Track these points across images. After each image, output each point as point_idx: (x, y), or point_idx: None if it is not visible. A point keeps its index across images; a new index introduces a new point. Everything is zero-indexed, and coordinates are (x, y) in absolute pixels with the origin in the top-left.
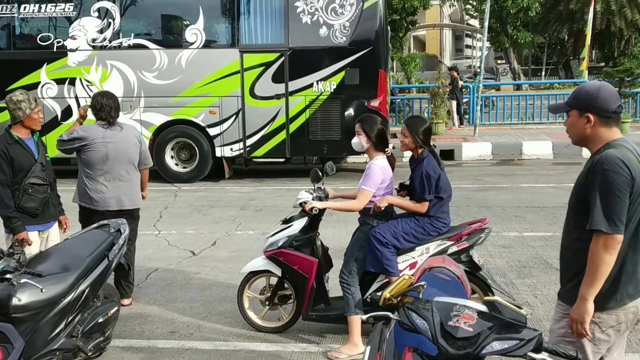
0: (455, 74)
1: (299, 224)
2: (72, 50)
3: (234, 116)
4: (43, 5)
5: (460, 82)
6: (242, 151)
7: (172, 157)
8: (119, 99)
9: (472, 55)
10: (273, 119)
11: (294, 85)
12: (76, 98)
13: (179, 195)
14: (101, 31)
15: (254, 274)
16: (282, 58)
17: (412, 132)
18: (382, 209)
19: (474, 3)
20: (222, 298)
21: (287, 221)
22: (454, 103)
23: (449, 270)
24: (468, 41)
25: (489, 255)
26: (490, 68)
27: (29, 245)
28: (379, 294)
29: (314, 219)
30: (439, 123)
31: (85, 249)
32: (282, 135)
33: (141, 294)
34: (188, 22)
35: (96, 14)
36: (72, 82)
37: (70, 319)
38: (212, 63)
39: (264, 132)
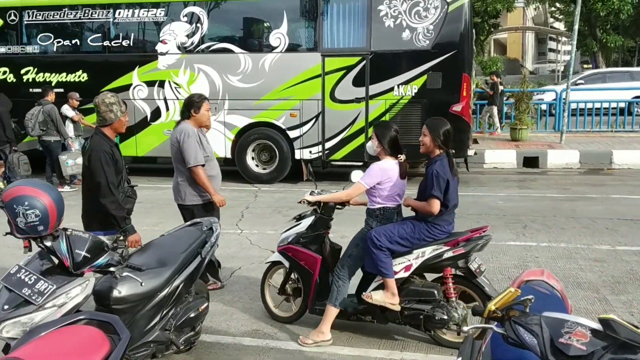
0: (495, 78)
1: (306, 222)
2: (162, 54)
3: (314, 119)
4: (136, 11)
5: (501, 87)
6: (320, 154)
7: (252, 158)
8: None
9: (555, 60)
10: (352, 123)
11: (374, 89)
12: (165, 100)
13: (259, 195)
14: (190, 35)
15: (274, 264)
16: (364, 62)
17: (432, 131)
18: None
19: (560, 6)
20: None
21: (299, 219)
22: (495, 108)
23: (548, 283)
24: (552, 45)
25: (579, 269)
26: (575, 72)
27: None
28: (482, 305)
29: (322, 217)
30: (522, 129)
31: (179, 246)
32: (361, 139)
33: (226, 290)
34: (272, 27)
35: (185, 18)
36: (161, 84)
37: (164, 312)
38: (294, 67)
39: (343, 136)
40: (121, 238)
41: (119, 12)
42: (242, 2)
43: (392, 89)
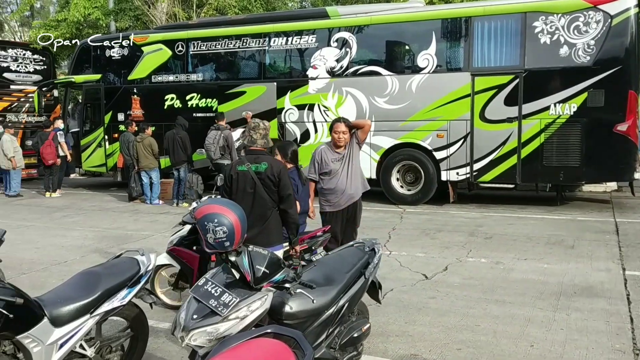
0: None
1: (187, 227)
2: (313, 79)
3: (462, 140)
4: (289, 38)
5: None
6: (468, 175)
7: (397, 179)
8: None
9: None
10: (503, 143)
11: (528, 108)
12: (314, 122)
13: (405, 217)
14: (339, 60)
15: (160, 267)
16: (517, 80)
17: (281, 153)
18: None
19: None
20: (462, 327)
21: (183, 224)
22: None
23: None
24: None
25: None
26: None
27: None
28: None
29: None
30: None
31: (344, 265)
32: (512, 160)
33: (380, 312)
34: (420, 48)
35: (335, 44)
36: (311, 107)
37: (330, 330)
38: (442, 87)
39: (493, 157)
40: (295, 256)
41: (274, 40)
42: (391, 25)
43: (547, 108)
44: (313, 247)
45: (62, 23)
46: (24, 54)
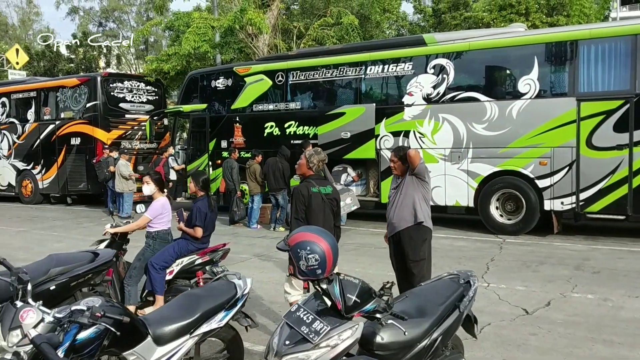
0: None
1: (103, 245)
2: (409, 105)
3: (567, 168)
4: (385, 66)
5: None
6: (574, 205)
7: (497, 207)
8: (449, 150)
9: None
10: (613, 172)
11: None
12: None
13: (505, 247)
14: (435, 86)
15: None
16: (627, 105)
17: (194, 181)
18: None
19: None
20: None
21: (99, 243)
22: None
23: None
24: None
25: None
26: None
27: None
28: None
29: (117, 243)
30: None
31: (438, 298)
32: (623, 190)
33: (476, 346)
34: (521, 73)
35: (432, 70)
36: (406, 134)
37: None
38: (545, 113)
39: (601, 186)
40: (388, 286)
41: (370, 69)
42: (490, 50)
43: None
44: (214, 259)
45: (173, 56)
46: (138, 86)
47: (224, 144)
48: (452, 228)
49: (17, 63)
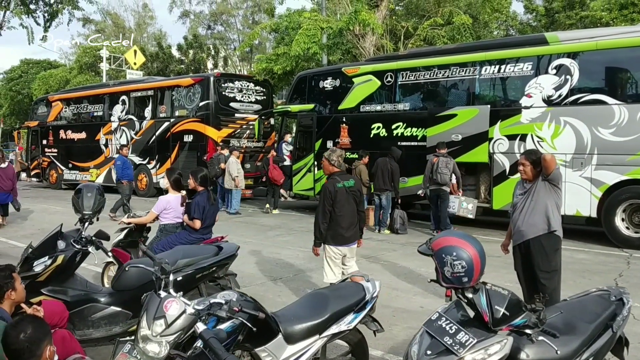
0: None
1: (123, 233)
2: (526, 108)
3: None
4: (502, 66)
5: None
6: None
7: (622, 219)
8: (570, 156)
9: None
10: None
11: None
12: None
13: (633, 263)
14: (557, 88)
15: (108, 264)
16: None
17: (193, 177)
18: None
19: None
20: None
21: (120, 231)
22: None
23: None
24: None
25: None
26: None
27: None
28: None
29: (131, 230)
30: None
31: (587, 315)
32: None
33: None
34: None
35: (554, 71)
36: (523, 138)
37: None
38: None
39: None
40: (540, 300)
41: (485, 69)
42: (621, 50)
43: None
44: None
45: (281, 57)
46: (248, 86)
47: (329, 144)
48: (569, 239)
49: (135, 63)
